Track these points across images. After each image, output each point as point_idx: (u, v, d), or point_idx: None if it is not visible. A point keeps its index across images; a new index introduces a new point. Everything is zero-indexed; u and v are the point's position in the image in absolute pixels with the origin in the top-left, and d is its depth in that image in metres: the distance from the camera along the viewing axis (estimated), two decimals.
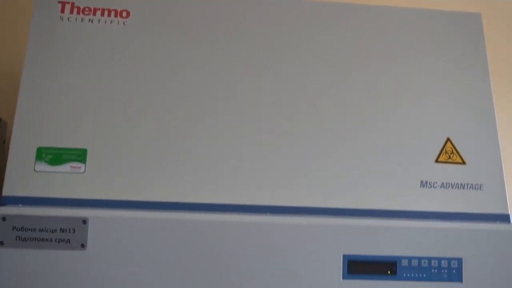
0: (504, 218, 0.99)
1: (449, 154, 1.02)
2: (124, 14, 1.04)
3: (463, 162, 1.02)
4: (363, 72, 1.07)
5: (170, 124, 0.99)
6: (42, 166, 0.93)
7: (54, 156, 0.94)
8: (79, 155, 0.94)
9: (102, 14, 1.04)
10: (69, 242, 0.87)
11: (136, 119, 0.98)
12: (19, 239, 0.86)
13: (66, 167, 0.94)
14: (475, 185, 1.01)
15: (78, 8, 1.03)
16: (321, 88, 1.05)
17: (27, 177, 0.92)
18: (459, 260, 0.94)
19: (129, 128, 0.98)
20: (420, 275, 0.92)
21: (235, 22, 1.07)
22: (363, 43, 1.09)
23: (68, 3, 1.03)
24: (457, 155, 1.02)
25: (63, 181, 0.93)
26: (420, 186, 1.00)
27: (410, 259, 0.93)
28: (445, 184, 1.00)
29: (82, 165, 0.94)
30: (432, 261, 0.93)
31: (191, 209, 0.93)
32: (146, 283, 0.88)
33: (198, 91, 1.02)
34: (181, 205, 0.94)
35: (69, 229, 0.87)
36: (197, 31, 1.05)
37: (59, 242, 0.87)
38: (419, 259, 0.93)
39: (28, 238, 0.86)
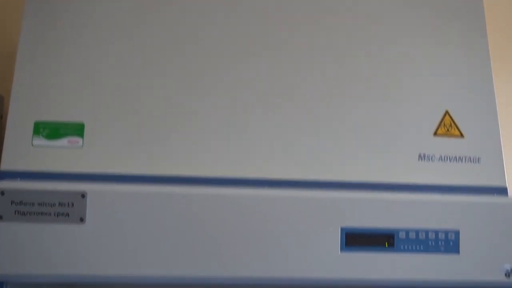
0: (501, 190, 0.99)
1: (447, 127, 1.02)
2: None
3: (461, 135, 1.02)
4: (360, 44, 1.06)
5: (167, 97, 0.99)
6: (40, 141, 0.93)
7: (51, 130, 0.93)
8: (77, 129, 0.94)
9: None
10: (68, 216, 0.87)
11: (133, 92, 0.98)
12: (18, 213, 0.86)
13: (63, 142, 0.93)
14: (473, 158, 1.01)
15: None
16: (318, 59, 1.04)
17: (25, 152, 0.92)
18: (456, 232, 0.94)
19: (127, 102, 0.97)
20: (418, 247, 0.93)
21: None
22: (360, 14, 1.08)
23: None
24: (455, 128, 1.02)
25: (61, 155, 0.93)
26: (418, 159, 1.00)
27: (407, 231, 0.93)
28: (443, 157, 1.00)
29: (80, 139, 0.93)
30: (430, 233, 0.94)
31: (190, 183, 0.93)
32: (145, 257, 0.88)
33: (193, 64, 1.01)
34: (180, 179, 0.94)
35: (68, 203, 0.87)
36: None
37: (57, 216, 0.87)
38: (417, 231, 0.93)
39: (27, 212, 0.86)
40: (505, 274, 0.95)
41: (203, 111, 0.99)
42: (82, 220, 0.87)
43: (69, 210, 0.87)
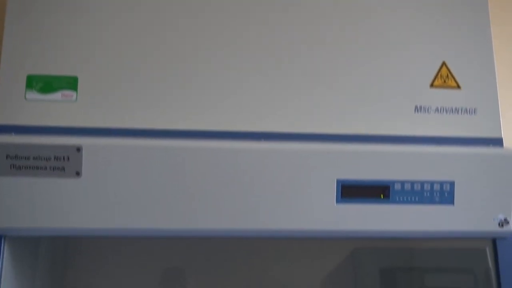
0: (497, 142, 0.99)
1: (444, 78, 1.01)
2: None
3: (458, 87, 1.01)
4: None
5: (162, 51, 0.97)
6: (33, 95, 0.92)
7: (44, 84, 0.92)
8: (70, 83, 0.93)
9: None
10: (64, 170, 0.87)
11: (127, 46, 0.96)
12: (13, 168, 0.86)
13: (57, 95, 0.92)
14: (469, 110, 1.00)
15: None
16: (315, 13, 1.02)
17: (18, 106, 0.91)
18: (452, 184, 0.95)
19: (120, 55, 0.96)
20: (413, 199, 0.94)
21: None
22: None
23: None
24: (452, 79, 1.01)
25: (55, 109, 0.92)
26: (415, 111, 0.99)
27: (403, 183, 0.94)
28: (439, 109, 1.00)
29: (73, 93, 0.93)
30: (425, 185, 0.94)
31: (186, 136, 0.93)
32: (140, 210, 0.89)
33: (187, 18, 0.99)
34: (176, 132, 0.94)
35: (63, 157, 0.87)
36: None
37: (53, 170, 0.87)
38: (412, 183, 0.94)
39: (22, 167, 0.86)
40: (499, 224, 0.96)
41: (197, 65, 0.98)
42: (78, 174, 0.87)
43: (64, 164, 0.87)
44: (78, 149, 0.87)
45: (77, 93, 0.93)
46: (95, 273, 1.29)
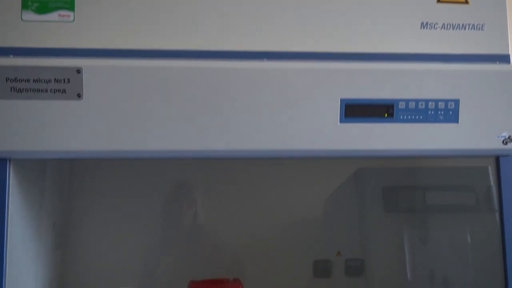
0: (504, 58, 0.98)
1: None
2: None
3: (466, 1, 0.98)
4: None
5: None
6: (29, 15, 0.89)
7: (40, 4, 0.90)
8: (67, 3, 0.90)
9: None
10: (65, 92, 0.86)
11: None
12: (13, 90, 0.85)
13: (54, 16, 0.90)
14: (476, 25, 0.98)
15: None
16: None
17: (15, 27, 0.89)
18: (456, 102, 0.94)
19: None
20: (417, 117, 0.93)
21: None
22: None
23: None
24: None
25: (53, 30, 0.90)
26: (421, 28, 0.97)
27: (407, 101, 0.93)
28: (446, 25, 0.97)
29: (70, 13, 0.90)
30: (429, 103, 0.93)
31: (189, 56, 0.91)
32: (144, 132, 0.89)
33: None
34: (177, 52, 0.92)
35: (64, 79, 0.86)
36: None
37: (54, 92, 0.86)
38: (416, 101, 0.93)
39: (23, 89, 0.85)
40: (503, 142, 0.95)
41: None
42: (79, 96, 0.87)
43: (65, 86, 0.86)
44: (78, 70, 0.86)
45: (74, 13, 0.91)
46: (103, 193, 1.31)
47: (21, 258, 0.98)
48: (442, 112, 0.93)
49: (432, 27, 0.97)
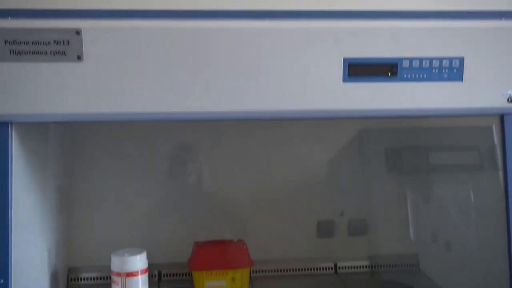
0: (509, 15, 0.95)
1: None
2: None
3: None
4: None
5: None
6: None
7: None
8: None
9: None
10: (65, 54, 0.86)
11: None
12: (13, 53, 0.84)
13: None
14: None
15: None
16: None
17: None
18: (461, 60, 0.92)
19: None
20: (421, 76, 0.92)
21: None
22: None
23: None
24: None
25: None
26: None
27: (411, 60, 0.92)
28: None
29: None
30: (434, 61, 0.92)
31: (189, 17, 0.90)
32: (144, 93, 0.88)
33: None
34: (179, 12, 0.90)
35: (63, 41, 0.85)
36: None
37: (54, 54, 0.85)
38: (420, 59, 0.92)
39: (22, 52, 0.84)
40: (508, 100, 0.95)
41: None
42: (79, 58, 0.86)
43: (65, 48, 0.85)
44: (78, 32, 0.85)
45: None
46: (107, 156, 1.32)
47: (27, 222, 0.99)
48: (447, 71, 0.92)
49: None
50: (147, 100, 0.88)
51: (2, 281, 0.87)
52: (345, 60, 0.90)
